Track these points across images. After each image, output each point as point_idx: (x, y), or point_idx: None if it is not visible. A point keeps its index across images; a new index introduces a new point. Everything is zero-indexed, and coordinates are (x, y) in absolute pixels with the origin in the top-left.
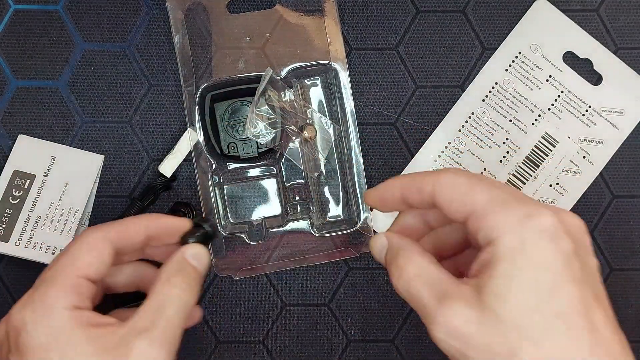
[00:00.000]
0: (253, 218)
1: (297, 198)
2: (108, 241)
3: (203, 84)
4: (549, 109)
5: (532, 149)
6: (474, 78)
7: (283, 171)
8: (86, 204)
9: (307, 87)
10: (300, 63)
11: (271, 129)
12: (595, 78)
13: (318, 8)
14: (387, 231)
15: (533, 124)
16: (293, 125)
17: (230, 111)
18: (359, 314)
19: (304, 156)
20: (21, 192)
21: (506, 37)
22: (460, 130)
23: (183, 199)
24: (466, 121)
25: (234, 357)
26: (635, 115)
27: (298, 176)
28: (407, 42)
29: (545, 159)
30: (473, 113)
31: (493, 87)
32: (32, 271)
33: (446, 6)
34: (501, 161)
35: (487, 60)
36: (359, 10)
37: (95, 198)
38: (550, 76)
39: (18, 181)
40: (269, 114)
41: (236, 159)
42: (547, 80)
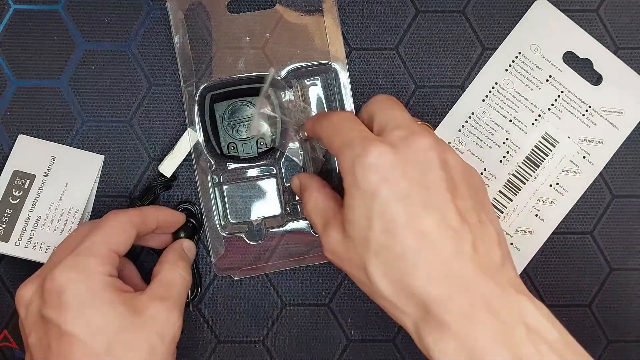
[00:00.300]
0: (253, 218)
1: (297, 198)
2: (134, 225)
3: (203, 84)
4: (549, 109)
5: (532, 149)
6: (474, 78)
7: (283, 171)
8: (86, 204)
9: (307, 87)
10: (300, 63)
11: (274, 129)
12: (595, 78)
13: (318, 8)
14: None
15: (533, 124)
16: (294, 124)
17: (230, 111)
18: (359, 314)
19: (304, 155)
20: (21, 192)
21: (506, 37)
22: (460, 130)
23: (183, 199)
24: (466, 121)
25: (234, 357)
26: (635, 115)
27: None
28: (407, 42)
29: (545, 159)
30: (473, 113)
31: (493, 87)
32: (32, 271)
33: (446, 6)
34: (501, 161)
35: (487, 60)
36: (359, 10)
37: (95, 198)
38: (550, 76)
39: (18, 181)
40: (273, 114)
41: (236, 159)
42: (547, 80)
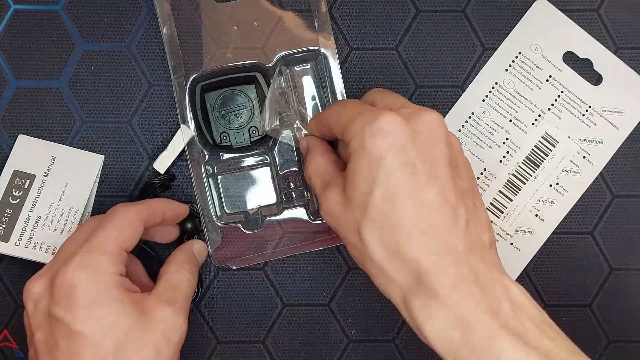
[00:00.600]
0: (248, 207)
1: (292, 185)
2: (141, 220)
3: (193, 75)
4: (549, 109)
5: (532, 149)
6: (474, 78)
7: (277, 159)
8: (86, 204)
9: (298, 74)
10: (289, 50)
11: (286, 121)
12: (595, 78)
13: None
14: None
15: (533, 124)
16: (287, 111)
17: (221, 101)
18: (359, 314)
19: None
20: (21, 192)
21: (506, 37)
22: (460, 130)
23: (182, 196)
24: (466, 121)
25: (234, 357)
26: (635, 115)
27: (291, 164)
28: (407, 42)
29: (545, 159)
30: (473, 113)
31: (493, 87)
32: (32, 271)
33: (446, 6)
34: (501, 161)
35: (487, 60)
36: (359, 10)
37: (95, 198)
38: (550, 76)
39: (18, 181)
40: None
41: (229, 149)
42: (547, 80)
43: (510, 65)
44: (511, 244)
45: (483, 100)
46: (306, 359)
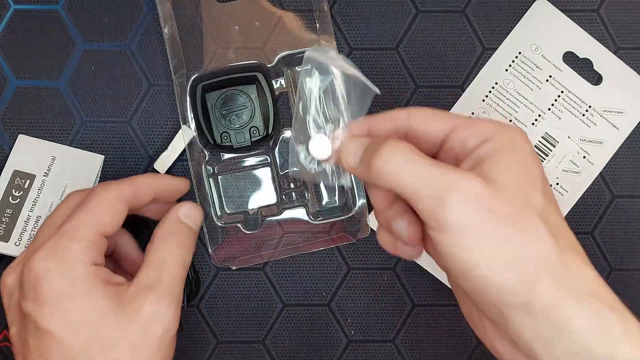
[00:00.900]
0: (249, 208)
1: (292, 186)
2: (123, 200)
3: (194, 75)
4: (549, 109)
5: None
6: (474, 78)
7: (277, 159)
8: None
9: (299, 75)
10: (290, 50)
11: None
12: (595, 78)
13: None
14: None
15: (533, 124)
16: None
17: (222, 101)
18: (359, 314)
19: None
20: (21, 192)
21: (506, 37)
22: None
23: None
24: None
25: (234, 357)
26: (635, 115)
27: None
28: (407, 42)
29: (545, 159)
30: (473, 113)
31: (493, 87)
32: None
33: (446, 6)
34: None
35: (487, 60)
36: (359, 10)
37: None
38: (550, 76)
39: (18, 181)
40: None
41: (229, 149)
42: (547, 80)
43: (510, 65)
44: None
45: (483, 100)
46: (306, 359)
